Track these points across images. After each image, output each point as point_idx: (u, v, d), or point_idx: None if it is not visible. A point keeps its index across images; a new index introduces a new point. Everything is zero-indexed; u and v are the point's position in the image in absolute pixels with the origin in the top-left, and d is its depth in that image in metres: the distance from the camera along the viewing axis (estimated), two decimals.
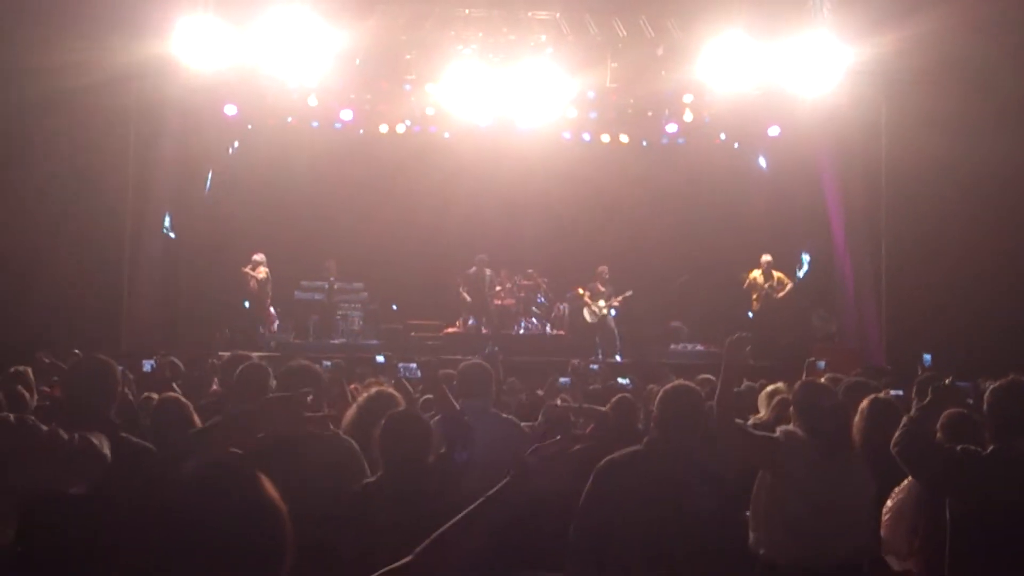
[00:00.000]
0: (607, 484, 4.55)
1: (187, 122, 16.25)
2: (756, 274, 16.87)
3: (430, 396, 6.47)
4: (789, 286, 16.82)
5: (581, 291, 17.58)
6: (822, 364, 9.84)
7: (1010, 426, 4.58)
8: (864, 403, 5.49)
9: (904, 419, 4.82)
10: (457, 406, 5.32)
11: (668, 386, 4.78)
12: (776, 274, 16.85)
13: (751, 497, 4.95)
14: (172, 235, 16.42)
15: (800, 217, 17.92)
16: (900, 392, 7.25)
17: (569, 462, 5.96)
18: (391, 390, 5.71)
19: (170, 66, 14.47)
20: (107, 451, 3.45)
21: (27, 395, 5.95)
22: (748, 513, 4.96)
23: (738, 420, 5.40)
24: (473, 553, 3.14)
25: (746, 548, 4.67)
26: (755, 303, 16.89)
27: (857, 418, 5.40)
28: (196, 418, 5.28)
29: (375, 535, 4.37)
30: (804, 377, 7.05)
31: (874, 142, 15.79)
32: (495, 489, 3.01)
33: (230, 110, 17.24)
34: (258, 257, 16.93)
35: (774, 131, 17.99)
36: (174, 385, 6.85)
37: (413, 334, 17.42)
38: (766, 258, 16.89)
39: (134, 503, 3.53)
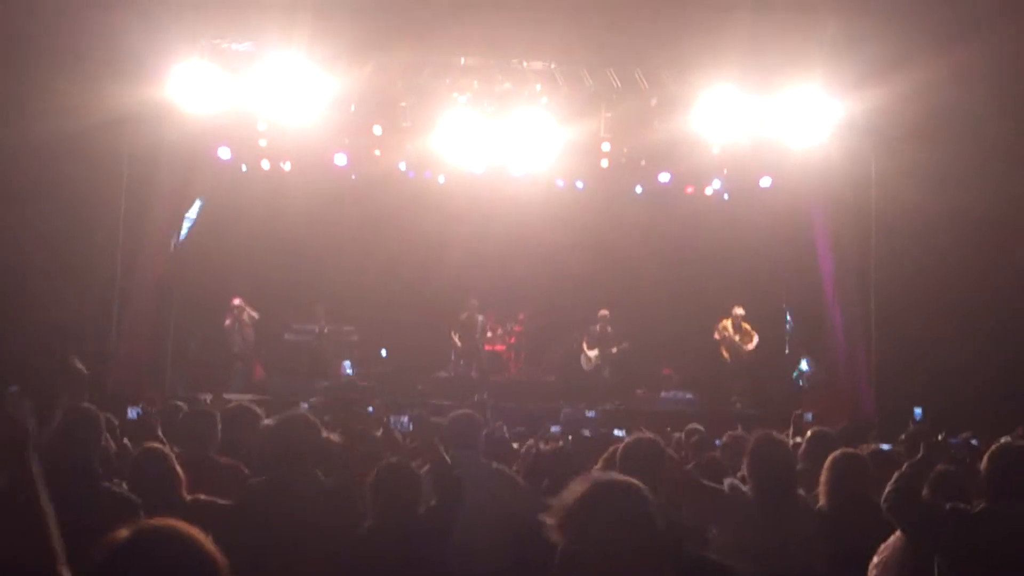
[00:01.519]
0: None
1: (181, 165, 16.28)
2: (726, 323, 16.95)
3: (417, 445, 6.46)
4: (756, 339, 16.91)
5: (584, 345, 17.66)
6: (809, 416, 9.86)
7: (1003, 487, 4.59)
8: (829, 458, 5.50)
9: (896, 474, 4.84)
10: (447, 458, 5.30)
11: (630, 439, 4.80)
12: (744, 326, 16.94)
13: None
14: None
15: (791, 267, 18.00)
16: (888, 446, 7.25)
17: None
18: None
19: (165, 110, 14.58)
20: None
21: None
22: None
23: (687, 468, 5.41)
24: None
25: None
26: (724, 353, 16.96)
27: (823, 474, 5.42)
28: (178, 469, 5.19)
29: None
30: (791, 430, 7.08)
31: (864, 193, 15.91)
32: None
33: (224, 153, 17.31)
34: (239, 302, 16.89)
35: (765, 182, 18.10)
36: (159, 433, 6.78)
37: (403, 378, 17.38)
38: (738, 311, 17.01)
39: None
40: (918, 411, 11.27)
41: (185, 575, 2.15)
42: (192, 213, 16.63)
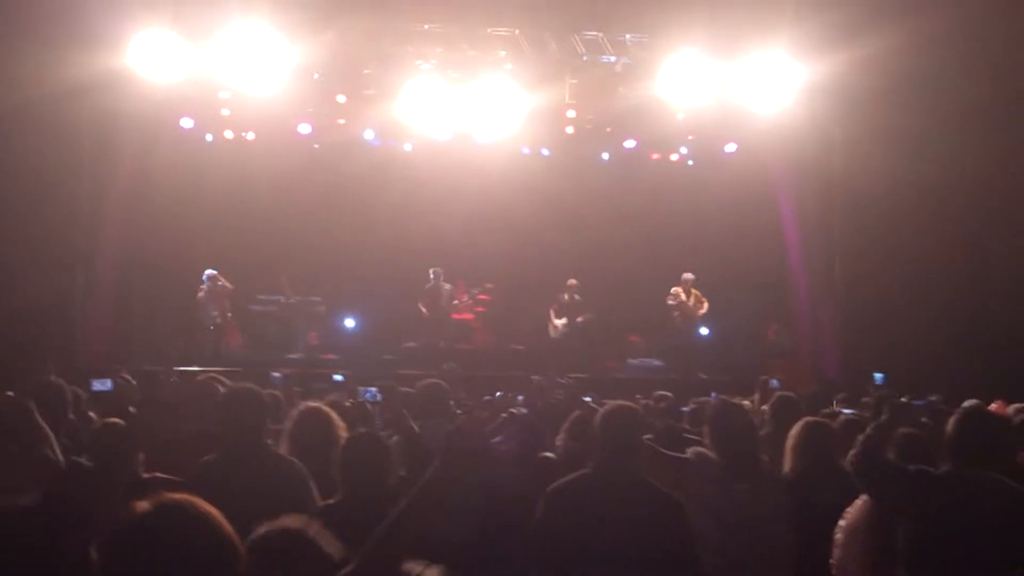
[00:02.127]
0: (558, 508, 4.55)
1: (142, 135, 16.10)
2: (678, 290, 16.97)
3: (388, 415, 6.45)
4: (706, 305, 16.96)
5: (552, 310, 17.65)
6: (776, 382, 9.91)
7: (967, 450, 4.63)
8: (797, 425, 5.55)
9: (860, 437, 4.87)
10: (415, 427, 5.30)
11: (607, 407, 4.78)
12: (695, 292, 16.98)
13: None
14: None
15: (756, 232, 18.08)
16: (851, 411, 7.31)
17: (501, 428, 6.00)
18: (324, 407, 5.60)
19: (126, 79, 14.38)
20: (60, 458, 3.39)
21: None
22: None
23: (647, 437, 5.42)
24: (416, 547, 3.16)
25: (701, 569, 4.68)
26: (677, 319, 16.97)
27: (790, 441, 5.47)
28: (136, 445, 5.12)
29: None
30: (757, 396, 7.12)
31: (828, 159, 16.01)
32: (423, 480, 3.01)
33: (186, 123, 17.13)
34: (213, 273, 16.73)
35: (731, 148, 18.16)
36: (130, 409, 6.72)
37: (370, 348, 17.36)
38: (687, 276, 17.01)
39: (80, 524, 3.51)
40: (879, 376, 11.35)
41: (203, 552, 2.14)
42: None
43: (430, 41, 15.76)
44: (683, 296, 16.87)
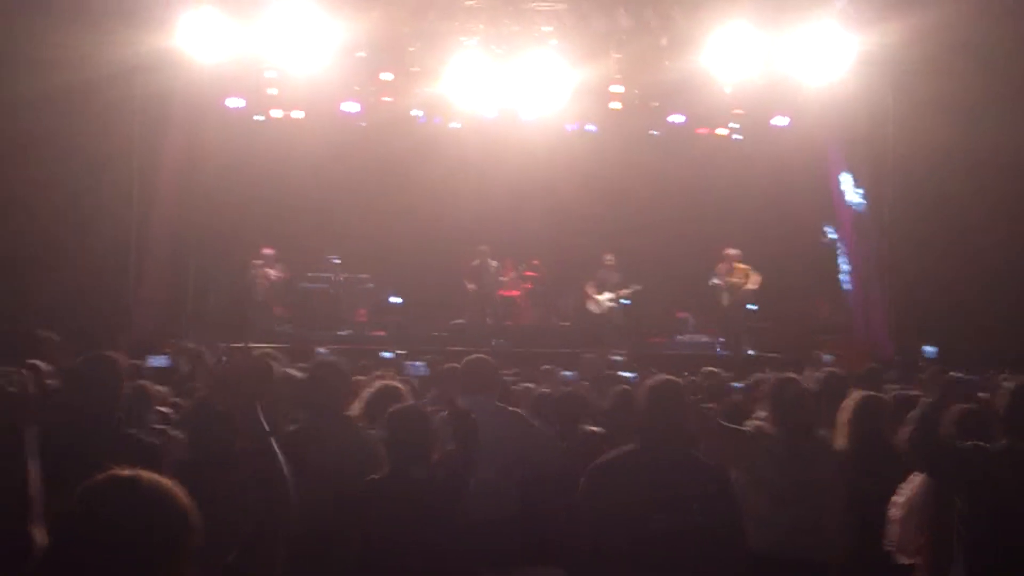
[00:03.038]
0: (602, 483, 4.52)
1: (191, 115, 16.22)
2: (720, 267, 16.66)
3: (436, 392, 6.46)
4: (756, 277, 16.42)
5: (589, 287, 17.56)
6: (828, 358, 9.80)
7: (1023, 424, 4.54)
8: (850, 400, 5.47)
9: (914, 414, 4.79)
10: (462, 402, 5.29)
11: (652, 382, 4.72)
12: (740, 267, 16.60)
13: None
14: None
15: (806, 207, 17.86)
16: (903, 388, 7.20)
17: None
18: (397, 384, 5.71)
19: (174, 59, 14.50)
20: None
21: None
22: None
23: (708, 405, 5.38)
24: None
25: (745, 544, 4.63)
26: (724, 296, 16.64)
27: (844, 416, 5.40)
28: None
29: (380, 531, 4.36)
30: (809, 372, 7.04)
31: (881, 131, 15.74)
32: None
33: (234, 103, 17.24)
34: (269, 252, 16.86)
35: (780, 121, 17.92)
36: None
37: (418, 326, 17.42)
38: (730, 251, 16.65)
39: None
40: (930, 349, 11.17)
41: (151, 525, 2.19)
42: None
43: (474, 17, 15.71)
44: (728, 275, 16.60)
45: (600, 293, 17.48)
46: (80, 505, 2.20)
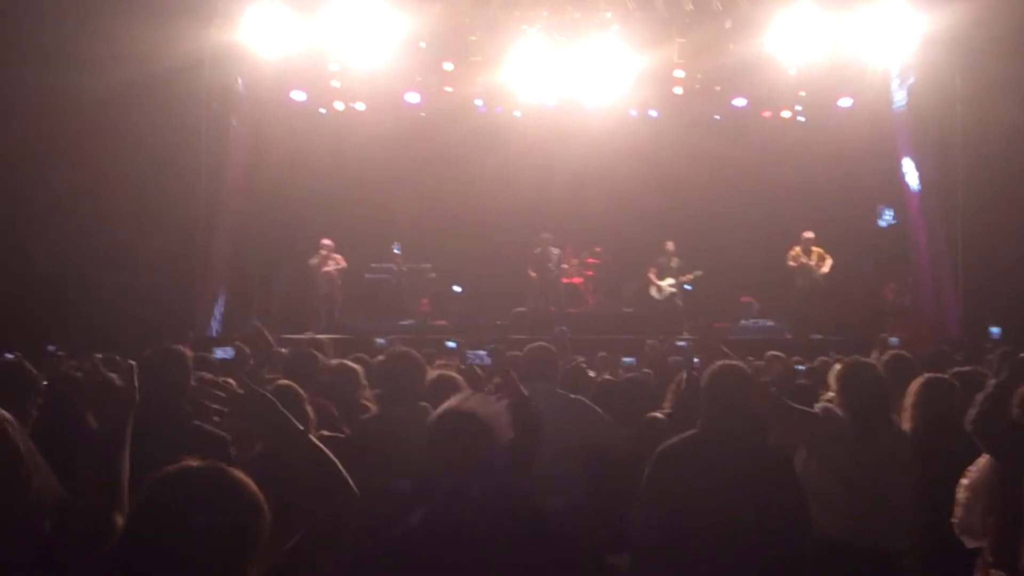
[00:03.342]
0: (667, 470, 4.53)
1: (256, 108, 16.44)
2: (797, 250, 16.53)
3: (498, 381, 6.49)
4: (829, 261, 16.41)
5: (651, 273, 17.53)
6: (895, 340, 9.68)
7: None
8: (916, 383, 5.40)
9: (980, 395, 4.74)
10: (524, 391, 5.33)
11: (715, 367, 4.71)
12: (816, 250, 16.47)
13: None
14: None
15: (872, 190, 17.61)
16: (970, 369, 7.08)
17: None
18: (452, 374, 5.73)
19: (239, 53, 14.70)
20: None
21: None
22: None
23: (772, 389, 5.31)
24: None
25: (810, 529, 4.60)
26: (798, 280, 16.53)
27: (909, 398, 5.33)
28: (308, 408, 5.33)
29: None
30: (876, 355, 6.94)
31: (949, 112, 15.44)
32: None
33: (298, 96, 17.44)
34: (328, 243, 17.04)
35: (845, 103, 17.69)
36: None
37: (481, 315, 17.52)
38: (807, 234, 16.53)
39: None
40: (995, 330, 10.95)
41: (222, 515, 2.23)
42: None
43: (536, 4, 15.71)
44: (803, 257, 16.49)
45: (662, 279, 17.43)
46: (151, 496, 2.26)
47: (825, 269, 16.39)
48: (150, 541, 2.21)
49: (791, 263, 16.51)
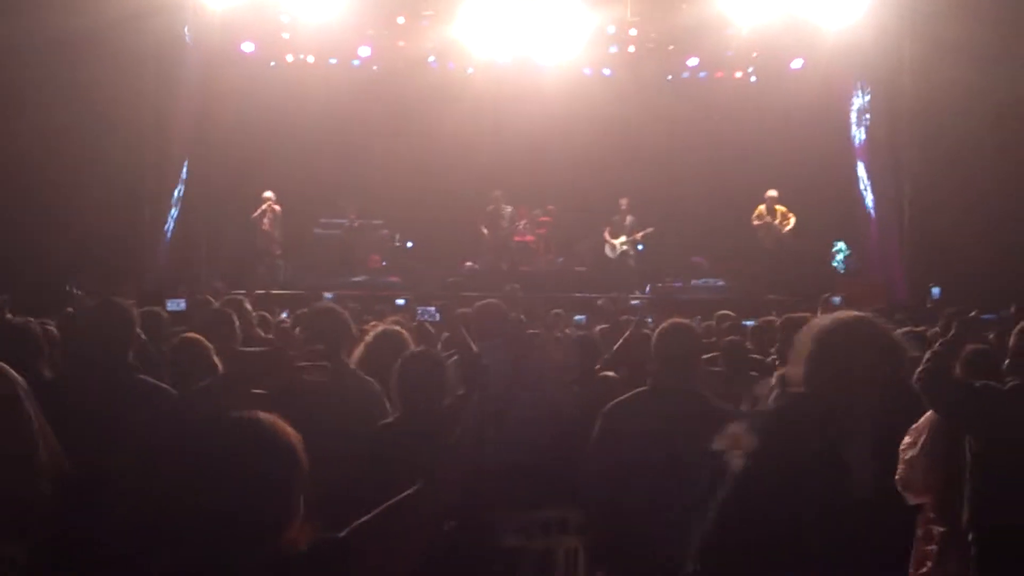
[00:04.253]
0: (615, 426, 4.56)
1: (205, 59, 16.14)
2: (761, 209, 16.70)
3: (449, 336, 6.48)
4: (793, 220, 16.61)
5: (606, 234, 17.58)
6: (837, 300, 9.79)
7: None
8: None
9: (927, 353, 4.80)
10: (474, 347, 5.32)
11: (664, 325, 4.73)
12: (779, 209, 16.65)
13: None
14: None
15: (823, 151, 17.73)
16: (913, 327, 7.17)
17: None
18: (398, 328, 5.68)
19: (188, 4, 14.41)
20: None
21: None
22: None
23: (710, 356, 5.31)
24: (413, 536, 3.17)
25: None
26: (763, 239, 16.71)
27: None
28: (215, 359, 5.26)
29: (391, 477, 4.40)
30: (819, 314, 7.00)
31: (897, 74, 15.56)
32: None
33: (248, 47, 17.16)
34: (269, 194, 16.84)
35: (797, 64, 17.76)
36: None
37: (432, 272, 17.50)
38: (771, 193, 16.69)
39: (148, 440, 3.60)
40: (936, 290, 11.12)
41: (266, 461, 2.29)
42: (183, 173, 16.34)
43: None
44: (767, 215, 16.63)
45: (616, 237, 17.48)
46: (190, 447, 2.33)
47: (788, 227, 16.55)
48: (196, 487, 2.25)
49: (756, 222, 16.65)
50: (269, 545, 2.25)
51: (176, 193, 16.00)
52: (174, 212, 15.92)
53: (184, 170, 16.19)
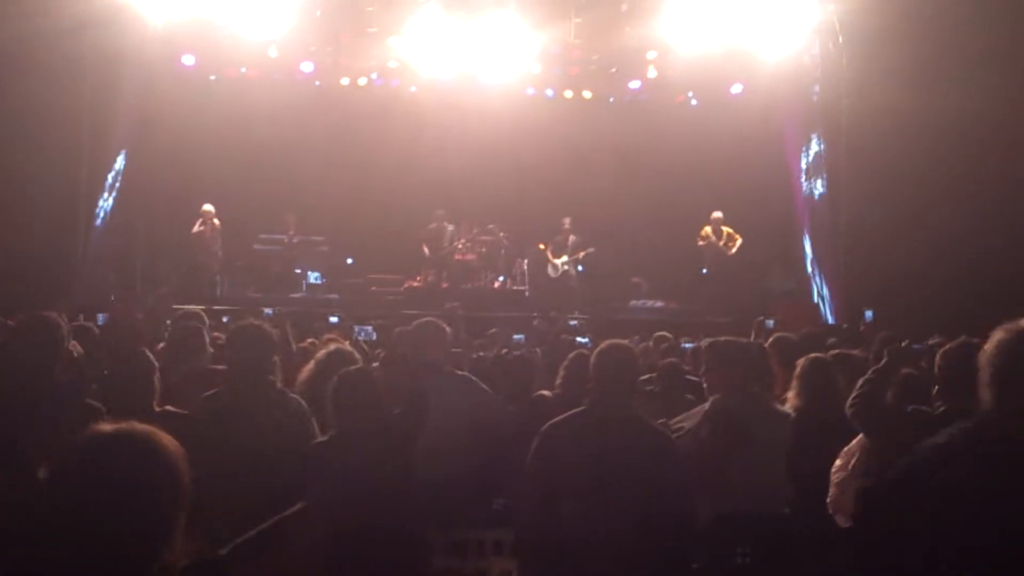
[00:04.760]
0: (552, 446, 4.57)
1: (144, 73, 15.95)
2: (707, 230, 16.89)
3: (384, 353, 6.45)
4: (739, 241, 16.83)
5: (543, 246, 17.63)
6: (771, 323, 9.91)
7: (958, 387, 4.62)
8: (800, 363, 5.56)
9: (860, 381, 4.88)
10: (411, 365, 5.30)
11: (602, 346, 4.77)
12: (725, 230, 16.86)
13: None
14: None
15: (761, 174, 17.96)
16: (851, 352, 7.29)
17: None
18: (348, 347, 5.69)
19: (127, 15, 14.23)
20: None
21: None
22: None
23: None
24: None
25: (689, 510, 4.68)
26: (708, 260, 16.91)
27: (794, 380, 5.49)
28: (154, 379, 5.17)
29: (328, 495, 4.37)
30: (753, 337, 7.09)
31: (834, 99, 15.81)
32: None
33: (188, 60, 16.99)
34: (209, 208, 16.67)
35: (736, 89, 17.99)
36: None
37: (373, 288, 17.41)
38: (716, 215, 16.90)
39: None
40: (868, 313, 11.30)
41: (140, 478, 2.17)
42: (118, 165, 16.13)
43: None
44: (712, 236, 16.79)
45: (558, 257, 17.54)
46: (66, 460, 2.20)
47: (734, 249, 16.73)
48: (64, 506, 2.13)
49: (701, 242, 16.81)
50: (144, 565, 2.15)
51: (106, 205, 15.74)
52: (100, 223, 15.65)
53: (119, 183, 15.96)
